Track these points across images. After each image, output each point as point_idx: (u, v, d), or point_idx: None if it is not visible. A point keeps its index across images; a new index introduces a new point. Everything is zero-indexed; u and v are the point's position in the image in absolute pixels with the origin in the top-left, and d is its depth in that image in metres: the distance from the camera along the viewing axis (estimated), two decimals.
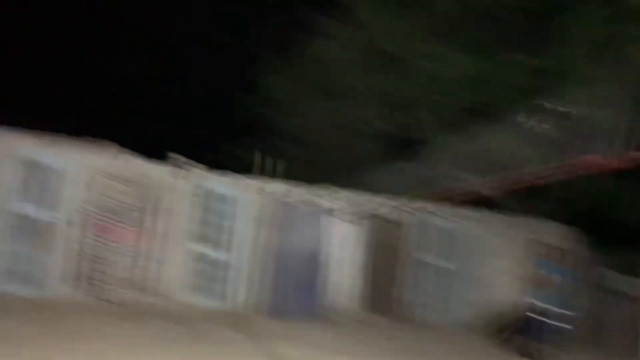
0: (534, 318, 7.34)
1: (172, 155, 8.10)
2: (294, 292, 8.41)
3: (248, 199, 8.40)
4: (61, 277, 7.25)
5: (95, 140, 7.97)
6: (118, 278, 7.47)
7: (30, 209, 7.15)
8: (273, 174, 10.18)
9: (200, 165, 8.30)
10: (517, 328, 7.82)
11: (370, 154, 12.40)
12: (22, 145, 7.23)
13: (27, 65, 16.93)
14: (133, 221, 7.67)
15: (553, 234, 9.51)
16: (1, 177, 7.08)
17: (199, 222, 8.11)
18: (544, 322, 7.23)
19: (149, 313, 7.38)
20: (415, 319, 8.95)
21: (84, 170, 7.49)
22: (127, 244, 7.61)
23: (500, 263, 9.44)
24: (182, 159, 8.13)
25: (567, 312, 7.32)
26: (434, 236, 9.32)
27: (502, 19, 9.94)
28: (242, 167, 11.90)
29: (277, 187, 8.55)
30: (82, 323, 6.39)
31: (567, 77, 8.55)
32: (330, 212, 8.69)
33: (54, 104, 15.21)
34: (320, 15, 12.47)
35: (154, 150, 8.36)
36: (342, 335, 7.52)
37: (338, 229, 8.86)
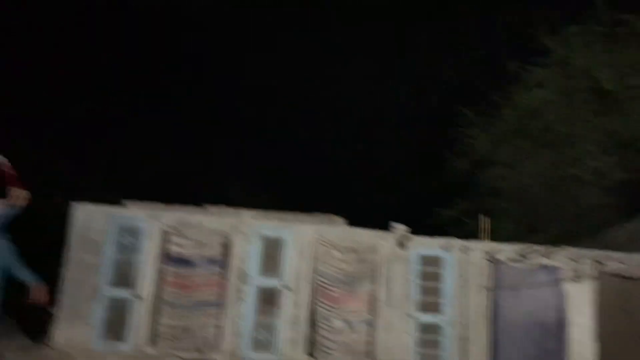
0: None
1: (392, 224, 8.48)
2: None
3: (467, 263, 8.30)
4: (290, 342, 7.94)
5: (321, 214, 8.82)
6: (341, 343, 7.90)
7: (266, 281, 8.11)
8: (492, 235, 9.89)
9: (418, 232, 8.52)
10: None
11: (601, 205, 11.24)
12: (261, 224, 8.33)
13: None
14: (355, 288, 8.11)
15: None
16: (248, 254, 8.18)
17: (420, 289, 8.22)
18: None
19: None
20: None
21: (310, 241, 8.26)
22: (350, 311, 8.04)
23: None
24: (402, 226, 8.45)
25: None
26: None
27: None
28: (458, 229, 11.84)
29: (500, 249, 8.28)
30: None
31: None
32: (557, 272, 8.07)
33: (286, 187, 17.22)
34: (523, 64, 12.10)
35: (373, 220, 8.90)
36: None
37: (567, 291, 8.15)
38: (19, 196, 4.76)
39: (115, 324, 7.76)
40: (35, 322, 9.22)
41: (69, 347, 7.56)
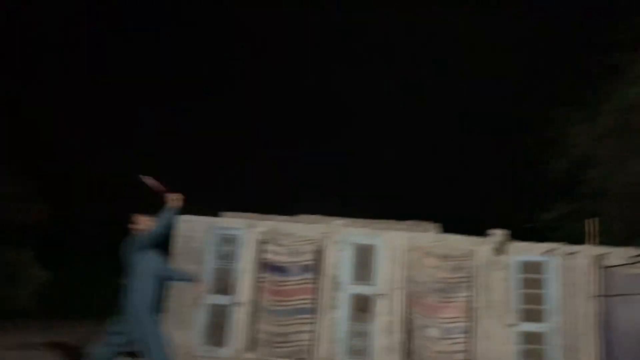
0: None
1: (490, 230, 8.22)
2: None
3: (572, 269, 7.85)
4: (385, 350, 7.87)
5: (414, 221, 8.73)
6: (438, 352, 7.72)
7: (359, 288, 8.13)
8: (599, 239, 9.28)
9: (517, 237, 8.19)
10: None
11: None
12: (353, 231, 8.38)
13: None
14: (451, 296, 7.91)
15: None
16: (343, 260, 8.25)
17: (520, 296, 7.88)
18: None
19: None
20: None
21: (402, 248, 8.18)
22: (447, 319, 7.85)
23: None
24: (500, 231, 8.17)
25: None
26: None
27: None
28: (560, 234, 11.21)
29: (608, 253, 7.76)
30: None
31: None
32: None
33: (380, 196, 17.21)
34: (623, 55, 11.27)
35: (470, 226, 8.69)
36: None
37: None
38: (175, 198, 5.18)
39: (216, 330, 8.11)
40: None
41: (175, 351, 7.98)
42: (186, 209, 9.01)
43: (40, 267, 14.68)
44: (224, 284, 8.30)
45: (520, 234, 8.67)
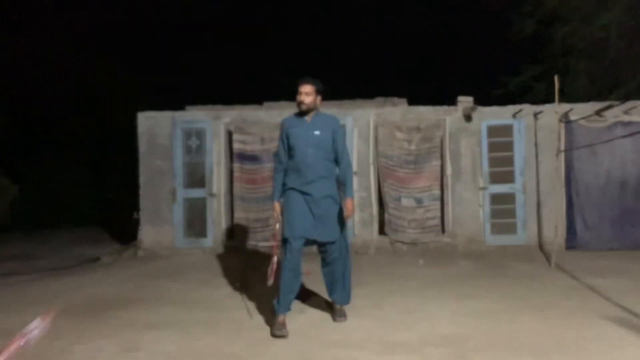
0: None
1: (459, 98, 8.16)
2: (601, 220, 7.69)
3: (539, 128, 7.97)
4: (361, 224, 8.09)
5: (382, 98, 8.60)
6: (412, 220, 7.98)
7: None
8: (567, 97, 9.31)
9: (485, 103, 8.17)
10: None
11: None
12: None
13: None
14: (422, 166, 8.02)
15: None
16: None
17: (490, 160, 8.03)
18: None
19: (447, 253, 7.76)
20: None
21: (371, 125, 8.13)
22: (419, 188, 8.01)
23: None
24: (467, 98, 8.12)
25: None
26: None
27: None
28: (529, 97, 11.22)
29: (574, 109, 7.82)
30: (387, 264, 7.12)
31: None
32: (637, 127, 7.57)
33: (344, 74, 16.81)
34: None
35: (438, 97, 8.62)
36: None
37: None
38: None
39: (195, 222, 8.20)
40: (125, 230, 9.94)
41: (155, 247, 8.12)
42: (150, 105, 8.76)
43: (8, 180, 14.40)
44: (196, 178, 8.26)
45: (490, 101, 8.65)
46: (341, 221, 4.61)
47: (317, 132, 4.52)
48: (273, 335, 4.25)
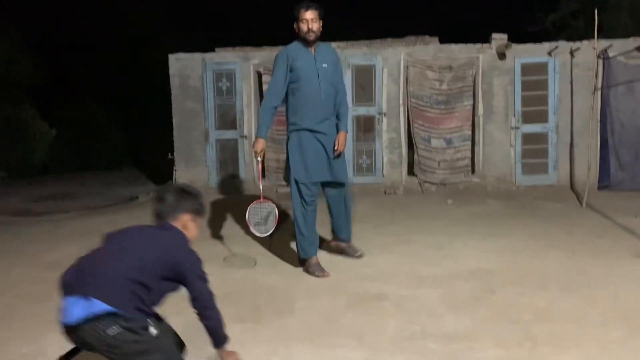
0: None
1: (492, 35, 7.94)
2: (635, 160, 7.55)
3: (575, 66, 7.74)
4: (389, 164, 8.14)
5: (412, 36, 8.43)
6: (442, 161, 7.98)
7: (361, 109, 8.15)
8: (606, 33, 8.96)
9: (520, 41, 7.94)
10: None
11: None
12: (351, 53, 8.15)
13: None
14: (453, 106, 7.93)
15: None
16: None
17: (523, 99, 7.89)
18: None
19: (476, 193, 7.78)
20: None
21: (401, 65, 8.01)
22: (449, 129, 7.96)
23: None
24: (500, 35, 7.90)
25: None
26: None
27: None
28: (566, 34, 10.83)
29: (612, 45, 7.55)
30: (415, 204, 7.20)
31: None
32: None
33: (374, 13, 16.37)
34: None
35: (471, 35, 8.39)
36: None
37: None
38: None
39: (227, 163, 8.37)
40: (160, 171, 10.21)
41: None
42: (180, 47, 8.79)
43: (45, 124, 14.80)
44: (227, 119, 8.36)
45: (525, 38, 8.39)
46: (345, 160, 4.55)
47: (325, 65, 4.26)
48: (316, 276, 4.26)
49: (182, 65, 8.34)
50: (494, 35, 7.98)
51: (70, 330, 2.05)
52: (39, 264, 4.74)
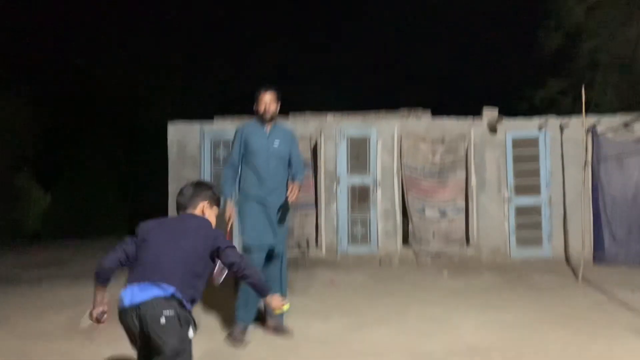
0: None
1: (484, 109, 8.18)
2: (629, 235, 7.58)
3: (565, 140, 7.93)
4: (384, 234, 8.13)
5: (406, 109, 8.66)
6: (436, 232, 7.98)
7: (356, 179, 8.24)
8: (593, 110, 9.23)
9: (510, 115, 8.17)
10: None
11: None
12: (346, 124, 8.35)
13: None
14: (446, 178, 8.04)
15: None
16: (339, 154, 8.29)
17: (515, 171, 8.01)
18: None
19: (471, 265, 7.73)
20: None
21: (395, 136, 8.18)
22: (443, 200, 8.03)
23: None
24: (492, 109, 8.13)
25: None
26: None
27: None
28: (554, 110, 11.18)
29: (600, 121, 7.77)
30: (411, 275, 7.13)
31: None
32: None
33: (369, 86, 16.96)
34: None
35: (463, 108, 8.66)
36: None
37: None
38: None
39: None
40: None
41: None
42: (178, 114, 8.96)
43: (40, 189, 14.81)
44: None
45: (515, 114, 8.65)
46: (286, 233, 4.78)
47: (276, 144, 4.56)
48: (232, 340, 4.24)
49: (181, 134, 8.49)
50: (485, 110, 8.22)
51: (130, 310, 2.39)
52: (23, 334, 4.60)
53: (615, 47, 11.50)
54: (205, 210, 2.82)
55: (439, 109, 8.72)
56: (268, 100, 4.58)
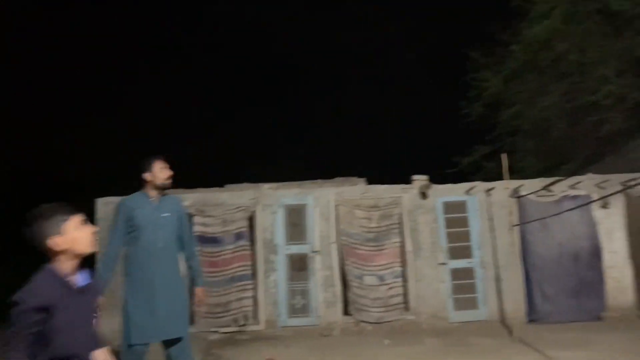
0: None
1: (413, 177, 8.46)
2: (558, 293, 7.86)
3: (491, 204, 8.26)
4: (325, 304, 8.05)
5: (340, 177, 8.84)
6: (375, 299, 7.98)
7: (294, 248, 8.21)
8: (517, 174, 9.75)
9: (439, 182, 8.48)
10: None
11: (622, 129, 10.91)
12: (282, 194, 8.39)
13: None
14: (382, 244, 8.14)
15: None
16: (276, 223, 8.26)
17: (447, 235, 8.23)
18: None
19: (412, 331, 7.72)
20: None
21: (331, 204, 8.29)
22: (381, 266, 8.08)
23: None
24: (422, 177, 8.42)
25: None
26: None
27: None
28: (480, 175, 11.73)
29: (523, 184, 8.21)
30: (352, 346, 7.01)
31: None
32: (585, 200, 7.96)
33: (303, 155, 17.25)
34: None
35: (395, 176, 8.94)
36: (622, 336, 6.72)
37: (596, 218, 8.08)
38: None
39: None
40: None
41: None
42: (106, 190, 8.70)
43: None
44: None
45: (444, 179, 9.01)
46: (187, 311, 4.29)
47: (166, 215, 4.19)
48: None
49: (110, 209, 8.21)
50: (415, 177, 8.51)
51: None
52: None
53: (533, 114, 12.39)
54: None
55: (373, 178, 8.96)
56: (165, 166, 4.21)
